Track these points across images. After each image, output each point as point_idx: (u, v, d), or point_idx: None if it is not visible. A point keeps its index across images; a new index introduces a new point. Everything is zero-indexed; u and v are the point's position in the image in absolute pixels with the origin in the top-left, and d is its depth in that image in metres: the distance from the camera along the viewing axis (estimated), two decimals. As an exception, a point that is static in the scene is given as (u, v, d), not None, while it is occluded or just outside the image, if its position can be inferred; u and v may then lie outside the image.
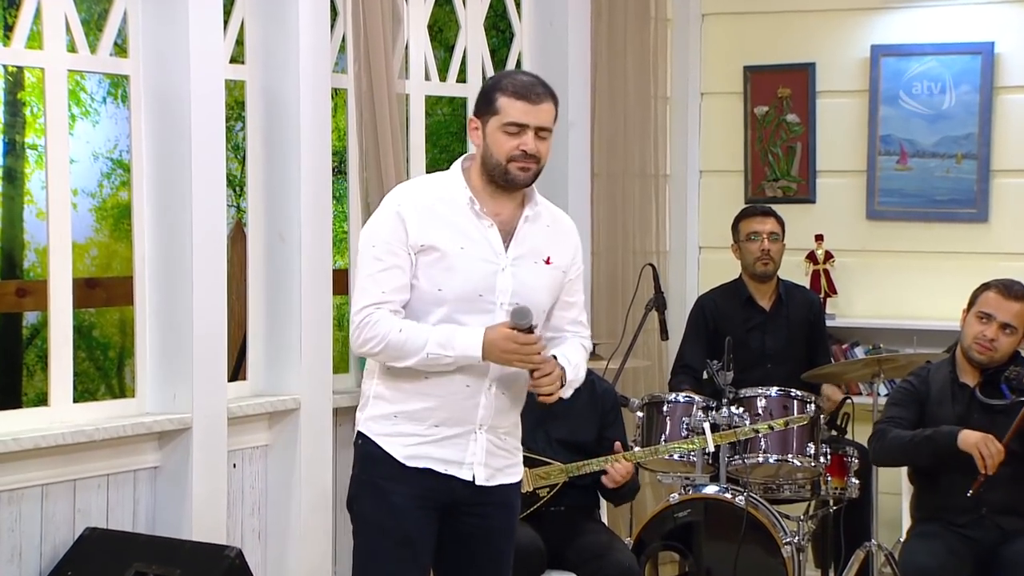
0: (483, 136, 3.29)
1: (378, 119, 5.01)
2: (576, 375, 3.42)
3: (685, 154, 6.48)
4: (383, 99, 5.03)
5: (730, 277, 5.70)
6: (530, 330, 3.22)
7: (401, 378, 3.31)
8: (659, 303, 5.24)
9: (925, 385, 4.61)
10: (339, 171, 7.04)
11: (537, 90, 3.27)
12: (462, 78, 5.85)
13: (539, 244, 3.36)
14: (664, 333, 5.32)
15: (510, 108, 3.25)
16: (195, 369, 4.52)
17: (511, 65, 6.07)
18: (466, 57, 5.85)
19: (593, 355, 5.39)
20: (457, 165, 3.36)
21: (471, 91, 5.89)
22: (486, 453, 3.35)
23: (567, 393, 3.40)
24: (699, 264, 6.51)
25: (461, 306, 3.25)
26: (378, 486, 3.35)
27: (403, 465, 3.32)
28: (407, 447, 3.32)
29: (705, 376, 5.21)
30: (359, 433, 3.41)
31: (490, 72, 5.94)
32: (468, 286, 3.23)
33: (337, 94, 5.21)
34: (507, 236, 3.31)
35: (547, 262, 3.36)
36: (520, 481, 3.49)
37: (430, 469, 3.33)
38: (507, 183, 3.29)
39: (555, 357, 3.36)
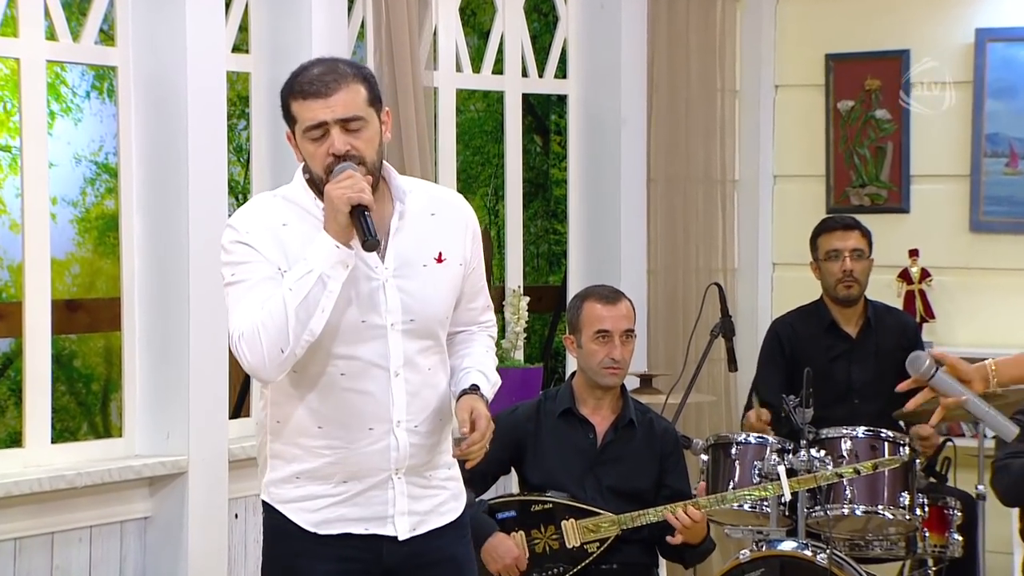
0: (299, 152, 3.21)
1: (402, 116, 5.02)
2: (494, 391, 3.36)
3: (756, 156, 6.46)
4: (408, 93, 5.05)
5: (808, 298, 5.67)
6: (361, 163, 3.11)
7: (295, 432, 3.23)
8: (726, 329, 5.22)
9: (1037, 423, 4.57)
10: (357, 176, 7.04)
11: (326, 78, 3.12)
12: (499, 69, 5.86)
13: (423, 242, 3.24)
14: (732, 363, 5.30)
15: (301, 111, 3.13)
16: (192, 405, 4.54)
17: (555, 55, 6.08)
18: (503, 45, 5.86)
19: (650, 389, 5.39)
20: (298, 176, 3.26)
21: (509, 84, 5.90)
22: (408, 499, 3.26)
23: None
24: (772, 284, 6.48)
25: (346, 336, 3.16)
26: (292, 568, 3.24)
27: (316, 536, 3.23)
28: (316, 512, 3.23)
29: (782, 413, 5.19)
30: (263, 503, 3.31)
31: (531, 63, 5.96)
32: (346, 312, 3.14)
33: (355, 88, 5.23)
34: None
35: (439, 259, 3.25)
36: (459, 520, 3.38)
37: (349, 534, 3.23)
38: None
39: (475, 387, 3.28)
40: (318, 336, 3.10)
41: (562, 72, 6.15)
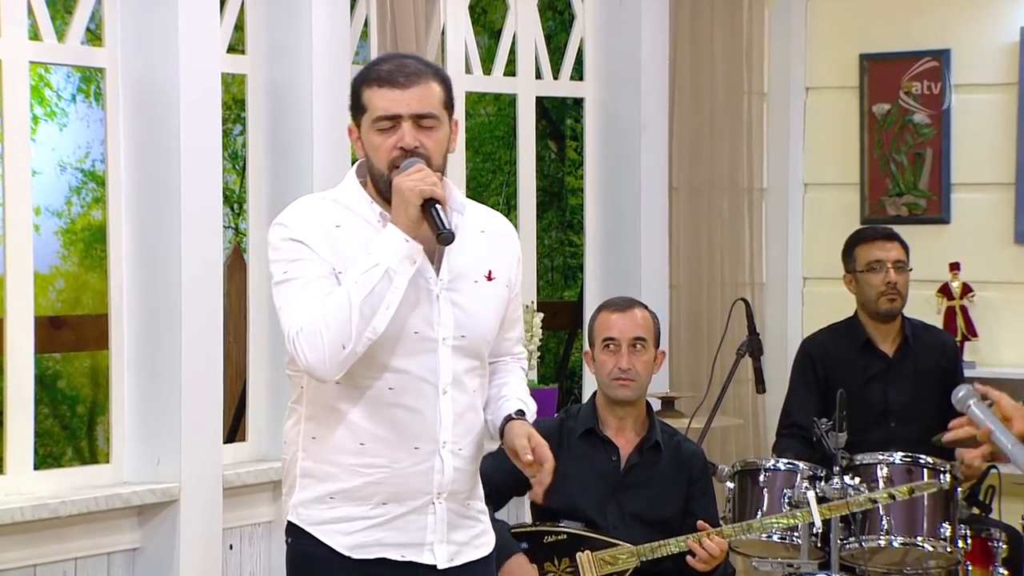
0: (362, 145, 3.27)
1: (408, 121, 5.03)
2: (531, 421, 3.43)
3: (786, 163, 6.46)
4: (414, 96, 5.04)
5: (842, 315, 5.66)
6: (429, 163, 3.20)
7: (333, 449, 3.26)
8: (753, 347, 5.21)
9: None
10: (359, 185, 7.06)
11: (407, 70, 3.21)
12: (511, 71, 5.86)
13: (475, 257, 3.32)
14: (760, 384, 5.29)
15: (375, 99, 3.21)
16: (183, 428, 4.54)
17: (571, 56, 6.08)
18: (515, 45, 5.86)
19: (672, 411, 5.38)
20: (350, 178, 3.32)
21: (521, 86, 5.90)
22: (448, 527, 3.30)
23: None
24: (803, 299, 6.47)
25: (396, 347, 3.21)
26: None
27: (350, 560, 3.26)
28: (351, 535, 3.25)
29: (814, 438, 5.17)
30: (289, 525, 3.32)
31: (545, 64, 5.96)
32: (399, 322, 3.18)
33: (358, 90, 5.23)
34: (433, 255, 3.27)
35: (488, 278, 3.33)
36: (490, 556, 3.42)
37: (384, 559, 3.26)
38: None
39: (521, 412, 3.34)
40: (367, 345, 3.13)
41: (578, 74, 6.15)
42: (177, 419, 4.53)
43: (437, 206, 3.14)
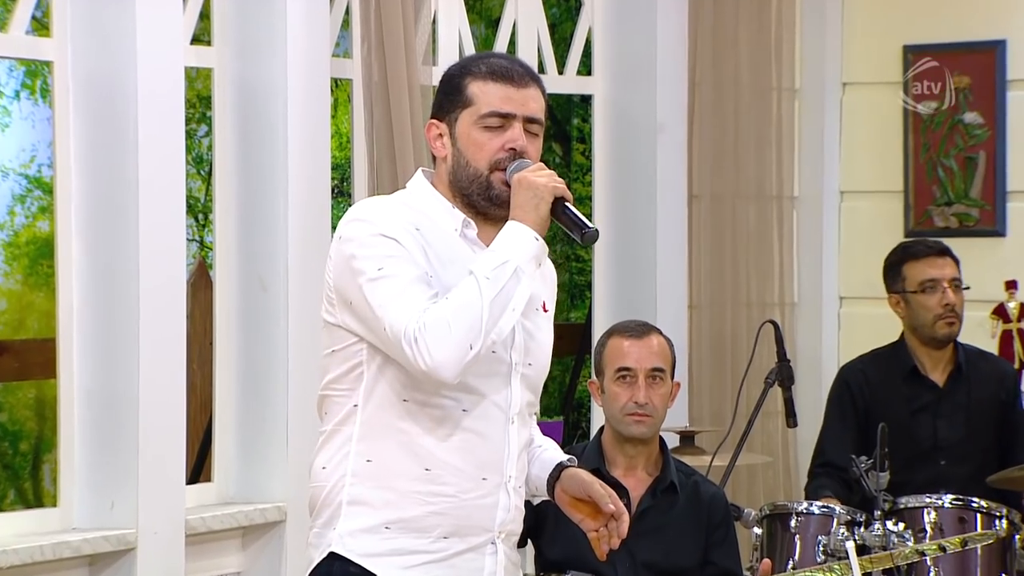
0: (451, 142, 3.33)
1: (394, 120, 5.03)
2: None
3: (820, 168, 6.47)
4: (401, 93, 5.05)
5: (882, 339, 5.66)
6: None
7: (393, 474, 3.29)
8: (784, 376, 5.22)
9: None
10: (340, 191, 7.07)
11: (520, 70, 3.34)
12: (510, 64, 5.86)
13: (536, 287, 3.39)
14: (791, 418, 5.29)
15: (486, 94, 3.30)
16: (141, 468, 4.53)
17: (578, 48, 6.08)
18: (515, 36, 5.86)
19: (692, 448, 5.38)
20: (421, 181, 3.39)
21: (523, 81, 5.90)
22: (505, 571, 3.36)
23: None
24: (839, 321, 6.48)
25: (476, 366, 3.24)
26: None
27: None
28: (409, 569, 3.29)
29: (852, 478, 5.17)
30: (331, 556, 3.34)
31: (549, 57, 5.96)
32: None
33: (339, 86, 5.23)
34: None
35: (544, 309, 3.44)
36: None
37: None
38: (491, 202, 3.31)
39: (573, 461, 3.43)
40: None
41: (586, 68, 6.15)
42: (134, 457, 4.52)
43: (569, 205, 3.24)
